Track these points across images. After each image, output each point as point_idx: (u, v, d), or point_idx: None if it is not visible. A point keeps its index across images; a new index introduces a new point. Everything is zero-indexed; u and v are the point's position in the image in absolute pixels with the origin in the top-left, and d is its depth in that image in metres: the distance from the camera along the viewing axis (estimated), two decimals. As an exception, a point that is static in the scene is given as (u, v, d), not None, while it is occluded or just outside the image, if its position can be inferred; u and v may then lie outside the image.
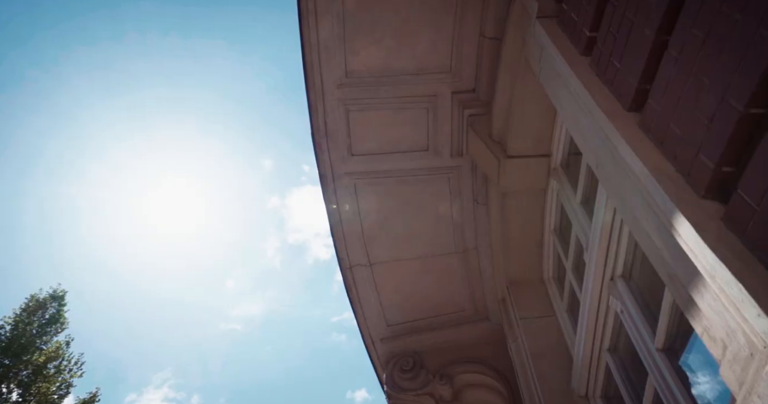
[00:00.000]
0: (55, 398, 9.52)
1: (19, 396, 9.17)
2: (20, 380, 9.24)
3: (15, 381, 9.13)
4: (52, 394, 9.42)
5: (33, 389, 9.16)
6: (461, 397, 4.86)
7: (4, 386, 9.06)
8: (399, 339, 4.98)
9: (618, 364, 2.81)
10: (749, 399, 1.23)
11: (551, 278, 3.81)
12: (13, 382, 9.11)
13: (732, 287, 1.31)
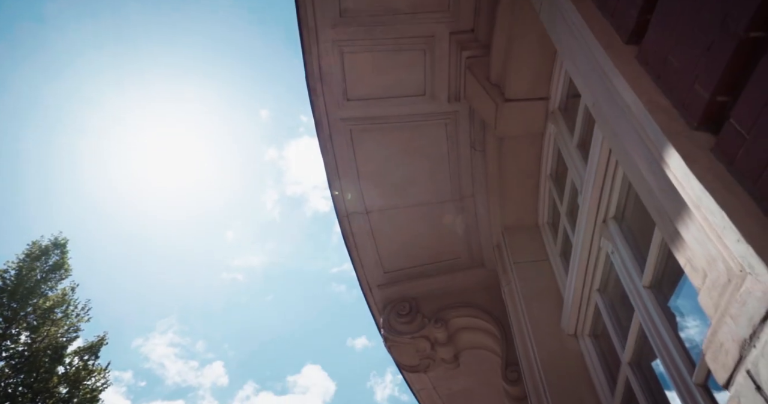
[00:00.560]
0: (63, 341, 9.92)
1: (27, 338, 9.56)
2: (28, 322, 9.60)
3: (23, 325, 9.48)
4: (61, 337, 9.80)
5: (42, 331, 9.53)
6: (456, 339, 5.04)
7: (14, 328, 9.42)
8: (395, 286, 5.10)
9: (606, 303, 2.89)
10: (722, 320, 1.27)
11: (546, 223, 3.84)
12: (21, 325, 9.47)
13: (716, 215, 1.31)
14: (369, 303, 5.34)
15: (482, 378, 5.52)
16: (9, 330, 9.24)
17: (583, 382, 3.03)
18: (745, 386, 0.96)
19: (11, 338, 9.40)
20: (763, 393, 0.92)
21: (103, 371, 10.38)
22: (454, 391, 5.81)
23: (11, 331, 9.34)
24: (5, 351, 9.36)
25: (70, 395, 9.32)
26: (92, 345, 10.57)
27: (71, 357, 10.17)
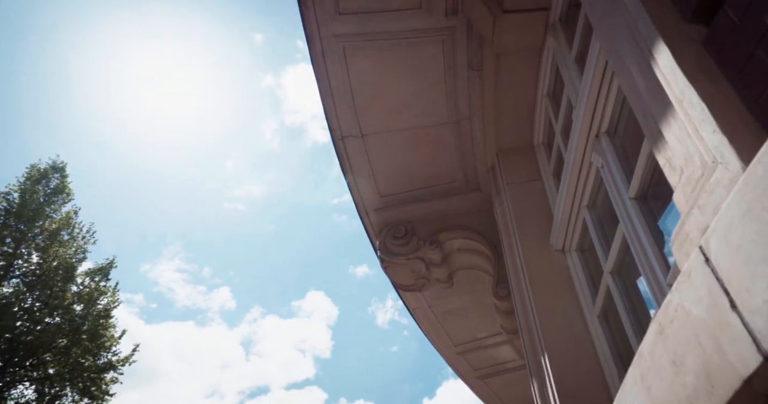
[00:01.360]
0: (72, 261, 10.34)
1: (38, 258, 9.96)
2: (37, 244, 9.95)
3: (32, 245, 9.84)
4: (70, 258, 10.20)
5: (51, 252, 9.90)
6: (450, 260, 5.20)
7: (24, 249, 9.79)
8: (391, 209, 5.18)
9: (594, 218, 2.95)
10: (691, 212, 1.30)
11: (540, 144, 3.82)
12: (30, 246, 9.83)
13: (696, 108, 1.30)
14: (366, 226, 5.45)
15: (475, 296, 5.77)
16: (19, 249, 9.58)
17: (568, 294, 3.17)
18: (696, 260, 1.01)
19: (22, 257, 9.78)
20: (711, 263, 0.97)
21: (114, 291, 10.93)
22: (448, 309, 6.09)
23: (21, 251, 9.69)
24: (18, 270, 9.80)
25: (86, 312, 9.87)
26: (102, 267, 11.02)
27: (82, 278, 10.69)
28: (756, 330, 0.85)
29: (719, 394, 0.93)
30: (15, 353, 8.68)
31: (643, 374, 1.22)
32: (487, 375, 6.68)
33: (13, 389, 9.13)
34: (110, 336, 10.40)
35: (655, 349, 1.17)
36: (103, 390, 9.96)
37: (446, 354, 6.65)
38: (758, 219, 0.86)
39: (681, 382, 1.05)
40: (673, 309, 1.10)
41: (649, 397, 1.18)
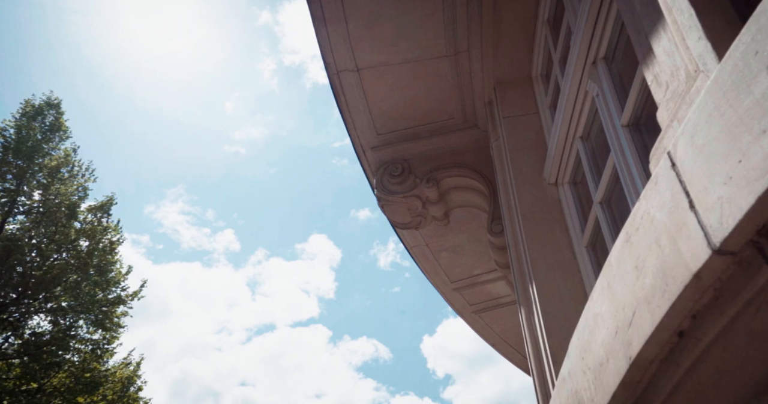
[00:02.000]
0: (74, 199, 10.50)
1: (41, 196, 10.11)
2: (38, 181, 10.09)
3: (33, 182, 9.98)
4: (71, 195, 10.35)
5: (52, 190, 10.04)
6: (446, 198, 5.24)
7: (25, 186, 9.93)
8: (388, 148, 5.15)
9: (587, 150, 2.93)
10: (670, 125, 1.28)
11: (539, 75, 3.72)
12: (31, 183, 9.97)
13: (684, 13, 1.25)
14: (363, 164, 5.45)
15: (471, 234, 5.86)
16: (21, 186, 9.72)
17: (558, 226, 3.21)
18: (663, 166, 1.01)
19: (25, 194, 9.95)
20: (676, 168, 0.97)
21: (117, 227, 11.20)
22: (445, 247, 6.21)
23: (23, 188, 9.84)
24: (22, 207, 10.00)
25: (91, 248, 10.18)
26: (103, 204, 11.19)
27: (84, 215, 10.89)
28: (708, 225, 0.86)
29: (671, 291, 0.96)
30: (27, 286, 9.06)
31: (610, 281, 1.26)
32: (482, 309, 6.92)
33: (29, 320, 9.64)
34: (118, 272, 10.78)
35: (621, 257, 1.20)
36: (114, 322, 10.49)
37: (443, 291, 6.86)
38: (723, 116, 0.85)
39: (641, 285, 1.08)
40: (640, 217, 1.12)
41: (613, 302, 1.23)
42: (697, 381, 1.02)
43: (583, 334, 1.44)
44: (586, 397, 1.38)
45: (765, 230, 0.80)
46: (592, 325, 1.37)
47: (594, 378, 1.33)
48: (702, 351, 0.98)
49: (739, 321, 0.90)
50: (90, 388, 9.50)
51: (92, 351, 10.09)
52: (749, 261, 0.84)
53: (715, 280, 0.89)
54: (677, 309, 0.97)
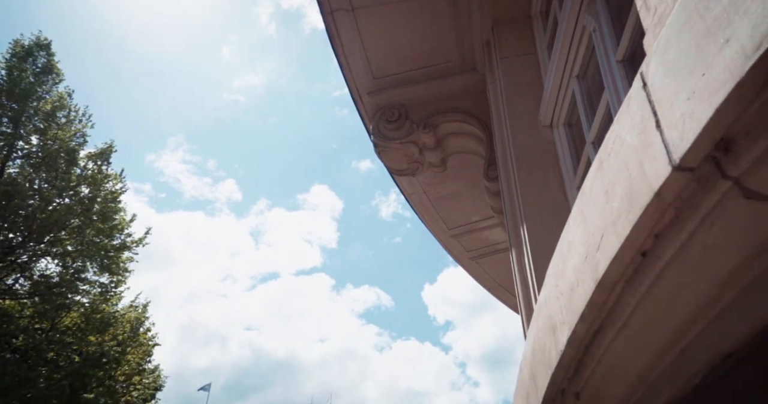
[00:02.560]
0: (73, 145, 10.47)
1: (39, 140, 10.09)
2: (34, 125, 10.04)
3: (30, 126, 9.93)
4: (69, 141, 10.32)
5: (50, 134, 10.03)
6: (443, 144, 5.21)
7: (21, 130, 9.91)
8: (385, 92, 5.07)
9: (583, 90, 2.88)
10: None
11: (538, 12, 3.59)
12: (27, 127, 9.93)
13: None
14: (359, 110, 5.38)
15: (469, 181, 5.87)
16: (18, 130, 9.69)
17: (551, 168, 3.21)
18: (635, 87, 1.00)
19: (22, 138, 9.94)
20: (647, 88, 0.96)
21: (118, 176, 11.28)
22: (442, 194, 6.25)
23: (20, 132, 9.81)
24: (20, 151, 10.03)
25: (93, 195, 10.30)
26: (102, 151, 11.17)
27: (84, 161, 10.92)
28: (671, 142, 0.87)
29: (635, 211, 0.98)
30: (32, 230, 9.27)
31: (582, 209, 1.29)
32: (479, 255, 7.06)
33: (37, 263, 9.97)
34: (121, 219, 10.97)
35: (594, 183, 1.21)
36: (120, 267, 10.81)
37: (441, 238, 6.97)
38: (692, 28, 0.83)
39: (609, 208, 1.10)
40: (612, 142, 1.12)
41: (585, 229, 1.25)
42: (656, 297, 1.06)
43: (558, 262, 1.48)
44: (558, 321, 1.45)
45: (723, 144, 0.81)
46: (565, 253, 1.41)
47: (565, 303, 1.38)
48: (662, 269, 1.02)
49: (696, 237, 0.92)
50: (100, 328, 9.98)
51: (100, 294, 10.50)
52: (707, 177, 0.85)
53: (675, 198, 0.91)
54: (640, 228, 0.99)
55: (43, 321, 9.69)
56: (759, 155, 0.77)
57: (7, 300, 9.73)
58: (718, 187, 0.84)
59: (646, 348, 1.17)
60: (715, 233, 0.89)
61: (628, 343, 1.22)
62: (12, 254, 9.45)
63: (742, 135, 0.78)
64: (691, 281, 0.98)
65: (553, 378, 1.54)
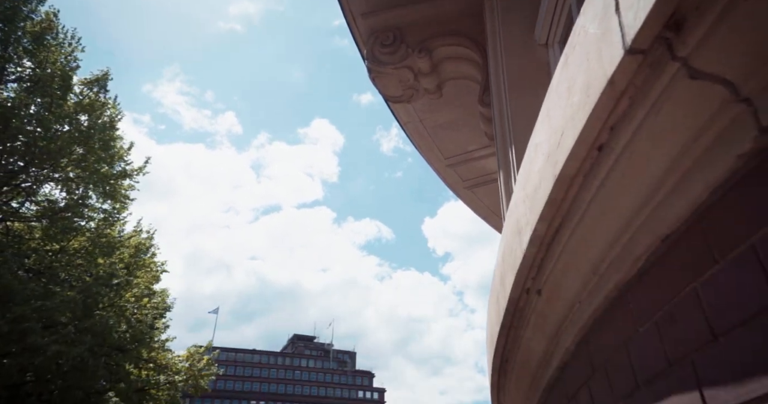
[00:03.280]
0: (66, 70, 10.23)
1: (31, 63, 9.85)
2: (24, 47, 9.79)
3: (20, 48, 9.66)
4: (63, 66, 10.10)
5: (41, 57, 9.78)
6: (439, 69, 5.08)
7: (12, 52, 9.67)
8: (380, 14, 4.86)
9: (579, 6, 2.76)
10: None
11: None
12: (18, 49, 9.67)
13: None
14: (354, 34, 5.20)
15: (465, 109, 5.79)
16: (6, 51, 9.46)
17: (543, 89, 3.15)
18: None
19: (12, 60, 9.73)
20: None
21: (114, 104, 11.14)
22: (439, 123, 6.18)
23: (10, 54, 9.58)
24: (13, 74, 9.87)
25: (91, 123, 10.26)
26: (98, 78, 10.95)
27: (80, 88, 10.77)
28: (626, 24, 0.86)
29: (590, 101, 0.99)
30: (33, 156, 9.36)
31: (549, 109, 1.29)
32: (475, 185, 7.12)
33: (41, 188, 10.19)
34: (120, 148, 11.02)
35: (559, 80, 1.21)
36: (123, 194, 11.04)
37: (437, 167, 6.99)
38: None
39: (570, 104, 1.11)
40: (576, 34, 1.11)
41: (549, 128, 1.27)
42: (609, 190, 1.10)
43: (526, 166, 1.51)
44: (523, 223, 1.50)
45: (674, 23, 0.80)
46: (532, 156, 1.43)
47: (530, 205, 1.43)
48: (615, 161, 1.04)
49: (645, 124, 0.94)
50: (107, 252, 10.38)
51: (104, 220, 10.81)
52: (658, 61, 0.85)
53: (627, 84, 0.91)
54: (594, 119, 1.01)
55: (52, 243, 10.06)
56: (706, 30, 0.77)
57: (15, 223, 10.06)
58: (668, 69, 0.84)
59: (599, 240, 1.23)
60: (662, 120, 0.91)
61: (583, 237, 1.28)
62: (15, 179, 9.62)
63: (691, 11, 0.78)
64: (640, 171, 1.01)
65: (517, 278, 1.62)
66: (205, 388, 13.39)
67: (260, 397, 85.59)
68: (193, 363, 13.16)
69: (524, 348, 2.02)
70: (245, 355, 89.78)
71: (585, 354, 1.52)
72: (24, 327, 7.56)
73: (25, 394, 9.08)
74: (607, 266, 1.24)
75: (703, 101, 0.83)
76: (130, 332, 10.38)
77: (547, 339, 1.80)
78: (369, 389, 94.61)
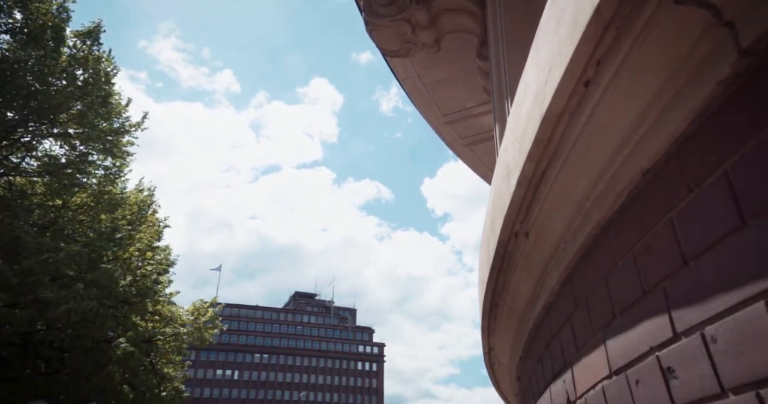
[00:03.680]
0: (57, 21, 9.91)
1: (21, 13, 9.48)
2: None
3: None
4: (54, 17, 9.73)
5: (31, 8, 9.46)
6: (437, 22, 4.96)
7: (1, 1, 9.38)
8: (378, -39, 4.70)
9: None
10: None
11: None
12: None
13: None
14: (351, -18, 5.04)
15: (464, 64, 5.69)
16: None
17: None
18: None
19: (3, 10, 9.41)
20: None
21: (109, 58, 10.91)
22: (437, 79, 6.09)
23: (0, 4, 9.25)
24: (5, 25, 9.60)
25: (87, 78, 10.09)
26: (90, 30, 10.61)
27: (73, 41, 10.50)
28: (613, -52, 0.85)
29: (577, 33, 0.99)
30: (33, 109, 9.28)
31: (538, 46, 1.29)
32: (473, 142, 7.10)
33: (40, 144, 10.18)
34: (117, 103, 10.91)
35: (549, 14, 1.20)
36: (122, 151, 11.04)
37: (435, 124, 6.94)
38: None
39: (558, 38, 1.11)
40: (568, -34, 1.09)
41: (538, 66, 1.27)
42: (594, 126, 1.12)
43: (515, 109, 1.52)
44: (512, 165, 1.53)
45: (660, -55, 0.79)
46: (522, 97, 1.44)
47: (518, 147, 1.45)
48: (600, 96, 1.05)
49: (630, 57, 0.94)
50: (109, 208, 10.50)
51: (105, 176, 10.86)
52: (644, -13, 0.85)
53: (613, 14, 0.91)
54: (581, 52, 1.01)
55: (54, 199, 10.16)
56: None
57: (17, 178, 10.12)
58: (652, -4, 0.84)
59: (584, 178, 1.26)
60: (646, 51, 0.91)
61: (569, 177, 1.30)
62: (14, 133, 9.58)
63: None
64: (625, 105, 1.02)
65: (506, 221, 1.66)
66: (210, 341, 13.85)
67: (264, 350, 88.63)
68: (198, 316, 13.56)
69: (513, 291, 2.09)
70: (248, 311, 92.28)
71: (568, 292, 1.58)
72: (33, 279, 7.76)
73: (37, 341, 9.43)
74: (591, 204, 1.27)
75: (686, 26, 0.83)
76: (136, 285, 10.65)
77: (534, 281, 1.86)
78: (369, 344, 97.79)
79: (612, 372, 1.24)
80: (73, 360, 9.32)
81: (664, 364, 0.99)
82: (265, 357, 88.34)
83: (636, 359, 1.10)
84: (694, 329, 0.89)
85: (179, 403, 13.59)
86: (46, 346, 9.41)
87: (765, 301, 0.73)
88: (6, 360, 9.39)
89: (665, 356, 0.99)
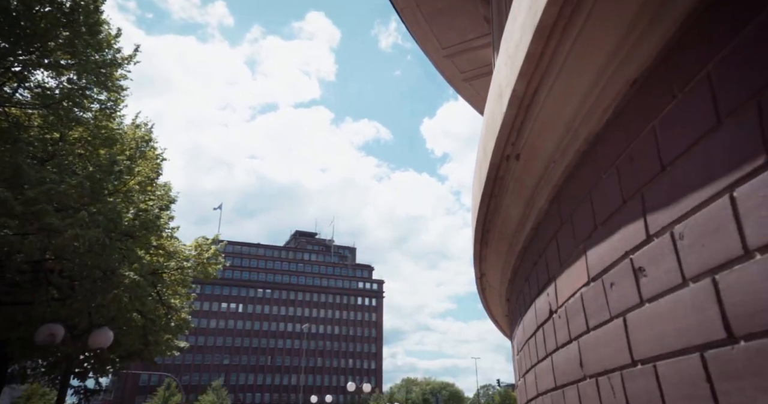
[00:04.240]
0: None
1: None
2: None
3: None
4: None
5: None
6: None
7: None
8: None
9: None
10: None
11: None
12: None
13: None
14: None
15: (465, -10, 5.43)
16: None
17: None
18: None
19: None
20: None
21: None
22: (437, 8, 5.84)
23: None
24: None
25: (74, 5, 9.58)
26: None
27: None
28: None
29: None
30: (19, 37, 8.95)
31: None
32: (473, 77, 6.94)
33: (32, 75, 9.91)
34: (107, 33, 10.51)
35: None
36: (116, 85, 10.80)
37: (434, 58, 6.74)
38: None
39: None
40: None
41: None
42: (585, 38, 1.11)
43: (509, 24, 1.49)
44: (504, 85, 1.53)
45: None
46: (516, 10, 1.41)
47: (511, 65, 1.44)
48: (593, 4, 1.04)
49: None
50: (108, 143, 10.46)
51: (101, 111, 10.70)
52: None
53: None
54: (576, -44, 0.99)
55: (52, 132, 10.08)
56: None
57: (12, 109, 9.96)
58: None
59: (573, 95, 1.27)
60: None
61: (560, 94, 1.31)
62: (4, 62, 9.29)
63: None
64: (616, 14, 1.02)
65: (497, 143, 1.69)
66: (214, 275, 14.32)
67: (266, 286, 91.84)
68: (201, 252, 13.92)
69: (503, 215, 2.16)
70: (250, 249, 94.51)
71: (555, 210, 1.64)
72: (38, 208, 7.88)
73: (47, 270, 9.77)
74: (580, 121, 1.30)
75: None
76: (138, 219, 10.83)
77: (523, 203, 1.92)
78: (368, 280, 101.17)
79: (590, 278, 1.32)
80: (83, 289, 9.70)
81: (636, 265, 1.06)
82: (267, 292, 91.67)
83: (611, 264, 1.18)
84: (665, 229, 0.95)
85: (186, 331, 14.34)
86: (56, 275, 9.74)
87: (729, 195, 0.77)
88: (20, 285, 9.80)
89: (638, 258, 1.05)
